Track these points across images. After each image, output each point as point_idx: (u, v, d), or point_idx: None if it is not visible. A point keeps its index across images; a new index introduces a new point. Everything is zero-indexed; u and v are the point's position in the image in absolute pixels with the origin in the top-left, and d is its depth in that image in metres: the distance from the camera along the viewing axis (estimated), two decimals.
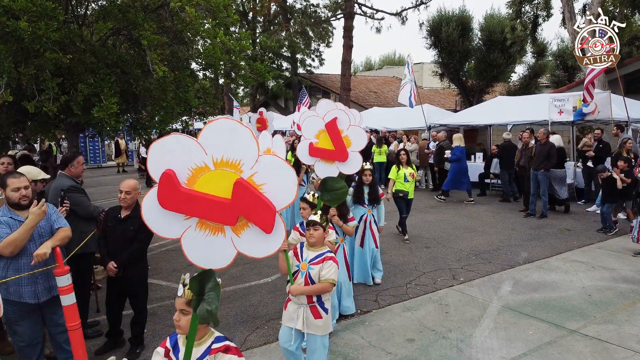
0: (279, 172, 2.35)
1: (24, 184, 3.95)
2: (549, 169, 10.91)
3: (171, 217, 2.39)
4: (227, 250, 2.42)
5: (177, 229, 2.41)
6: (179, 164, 2.32)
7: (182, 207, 2.34)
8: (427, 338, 5.14)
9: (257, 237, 2.38)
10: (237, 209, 2.31)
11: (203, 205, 2.33)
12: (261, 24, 31.46)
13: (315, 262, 3.90)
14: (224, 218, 2.34)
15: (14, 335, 4.02)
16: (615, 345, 4.88)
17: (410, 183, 8.90)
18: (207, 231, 2.41)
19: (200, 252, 2.43)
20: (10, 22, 5.58)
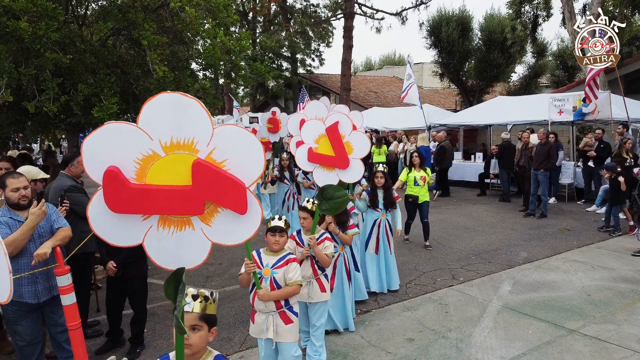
0: (240, 144, 2.07)
1: (24, 184, 3.95)
2: (549, 169, 10.93)
3: (126, 221, 2.08)
4: (199, 244, 2.15)
5: (136, 233, 2.11)
6: (122, 157, 2.01)
7: (136, 206, 2.04)
8: (426, 338, 5.15)
9: (231, 221, 2.12)
10: (202, 194, 2.04)
11: (160, 199, 2.04)
12: (261, 24, 31.45)
13: (279, 266, 3.78)
14: (189, 208, 2.06)
15: (14, 335, 4.03)
16: (614, 345, 4.88)
17: (420, 187, 8.46)
18: (172, 228, 2.13)
19: (169, 253, 2.15)
20: (10, 22, 5.59)
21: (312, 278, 4.48)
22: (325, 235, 4.55)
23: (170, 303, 2.26)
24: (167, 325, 5.55)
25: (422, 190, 8.51)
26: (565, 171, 13.00)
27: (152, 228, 2.12)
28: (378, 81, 34.45)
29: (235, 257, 8.19)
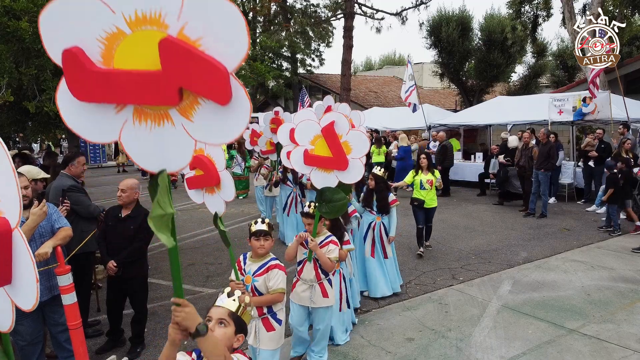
0: (219, 17, 1.65)
1: (24, 183, 3.96)
2: (550, 168, 10.95)
3: (99, 112, 1.83)
4: (181, 142, 1.84)
5: (111, 127, 1.85)
6: (84, 35, 1.73)
7: (102, 92, 1.77)
8: (426, 337, 5.16)
9: (214, 115, 1.78)
10: (173, 80, 1.71)
11: (128, 86, 1.74)
12: (261, 24, 31.47)
13: (260, 273, 3.70)
14: (161, 96, 1.74)
15: (15, 335, 4.03)
16: (614, 345, 4.89)
17: (427, 191, 7.95)
18: (149, 122, 1.84)
19: (148, 151, 1.88)
20: (11, 22, 5.61)
21: (314, 282, 4.40)
22: (330, 238, 4.44)
23: (170, 303, 2.27)
24: (168, 325, 5.55)
25: (430, 195, 8.01)
26: (565, 171, 13.01)
27: (128, 122, 1.85)
28: (378, 81, 34.47)
29: (235, 257, 8.19)
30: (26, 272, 2.02)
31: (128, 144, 1.89)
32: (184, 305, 2.10)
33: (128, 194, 4.87)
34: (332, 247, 4.35)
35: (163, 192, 1.94)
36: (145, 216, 4.89)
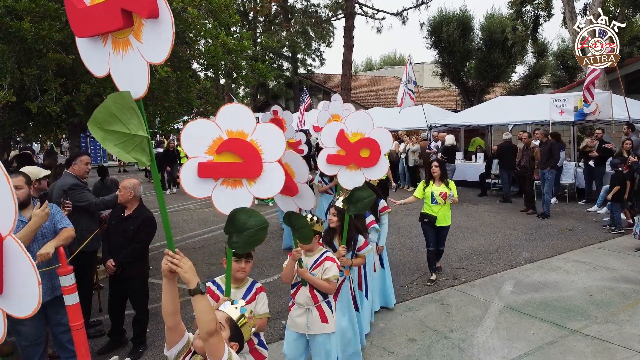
0: None
1: (15, 184, 3.95)
2: (554, 166, 10.99)
3: (95, 49, 2.27)
4: (139, 65, 2.17)
5: (104, 59, 2.25)
6: None
7: (86, 27, 2.21)
8: (428, 338, 5.16)
9: (153, 32, 2.09)
10: (117, 2, 2.07)
11: (97, 15, 2.14)
12: (262, 24, 31.47)
13: (248, 301, 3.16)
14: (112, 20, 2.10)
15: (17, 335, 4.04)
16: (616, 345, 4.89)
17: (440, 206, 6.61)
18: (121, 50, 2.19)
19: (125, 77, 2.21)
20: (13, 22, 5.60)
21: (311, 305, 3.83)
22: (325, 254, 3.86)
23: None
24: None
25: (443, 210, 6.65)
26: (566, 171, 13.01)
27: (111, 52, 2.21)
28: (379, 81, 34.46)
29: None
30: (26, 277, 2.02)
31: (114, 74, 2.22)
32: (182, 257, 2.25)
33: (122, 193, 4.89)
34: (329, 265, 3.78)
35: (127, 112, 2.16)
36: (147, 218, 4.93)
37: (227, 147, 2.72)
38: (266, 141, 2.78)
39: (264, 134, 2.80)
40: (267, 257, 8.21)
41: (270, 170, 2.77)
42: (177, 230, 10.34)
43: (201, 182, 2.75)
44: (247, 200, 2.80)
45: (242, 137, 2.75)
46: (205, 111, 9.06)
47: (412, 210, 11.85)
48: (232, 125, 2.74)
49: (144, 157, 2.23)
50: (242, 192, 2.80)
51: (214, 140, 2.73)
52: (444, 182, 6.67)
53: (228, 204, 2.79)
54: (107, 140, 2.18)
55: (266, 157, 2.76)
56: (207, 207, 12.98)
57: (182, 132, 2.74)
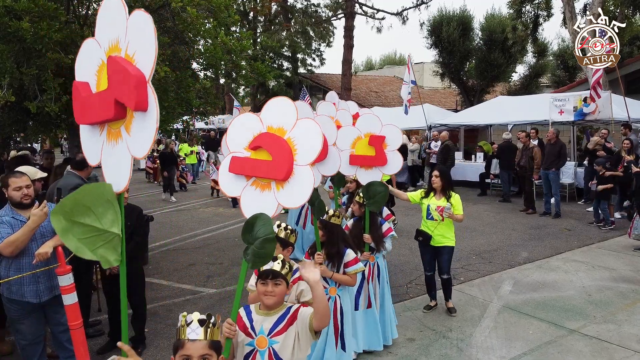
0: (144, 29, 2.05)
1: (26, 183, 3.97)
2: (560, 167, 11.02)
3: (93, 138, 2.37)
4: (124, 157, 2.20)
5: (97, 149, 2.33)
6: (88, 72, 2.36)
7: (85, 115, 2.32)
8: (427, 337, 5.16)
9: (141, 125, 2.11)
10: (111, 93, 2.13)
11: (94, 104, 2.23)
12: (262, 24, 31.48)
13: (279, 331, 2.58)
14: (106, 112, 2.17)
15: (17, 334, 4.05)
16: (615, 345, 4.89)
17: (436, 222, 5.47)
18: (112, 141, 2.26)
19: (113, 168, 2.26)
20: (12, 22, 5.60)
21: None
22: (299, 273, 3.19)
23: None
24: (169, 325, 5.56)
25: (440, 229, 5.51)
26: (565, 171, 13.00)
27: (104, 142, 2.27)
28: (379, 81, 34.45)
29: (235, 257, 8.21)
30: None
31: (104, 163, 2.24)
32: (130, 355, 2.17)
33: None
34: (305, 286, 3.20)
35: (104, 205, 2.08)
36: (138, 211, 5.12)
37: (258, 143, 2.56)
38: (303, 141, 2.52)
39: (302, 131, 2.54)
40: None
41: (300, 175, 2.48)
42: (177, 230, 10.34)
43: (234, 179, 2.62)
44: (272, 206, 2.56)
45: (280, 134, 2.54)
46: (204, 111, 9.07)
47: (411, 209, 11.85)
48: (275, 120, 2.59)
49: (112, 257, 2.12)
50: (268, 196, 2.57)
51: (254, 135, 2.59)
52: (445, 195, 5.53)
53: (252, 207, 2.56)
54: (69, 232, 2.02)
55: (299, 158, 2.49)
56: (207, 207, 12.98)
57: (229, 126, 2.70)
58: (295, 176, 2.50)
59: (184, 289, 6.77)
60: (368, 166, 4.75)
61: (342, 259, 4.04)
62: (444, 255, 5.58)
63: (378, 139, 4.71)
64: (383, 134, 4.74)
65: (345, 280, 4.06)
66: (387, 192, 4.56)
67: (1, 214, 3.92)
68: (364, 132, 4.80)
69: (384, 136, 4.74)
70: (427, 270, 5.81)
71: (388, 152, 4.71)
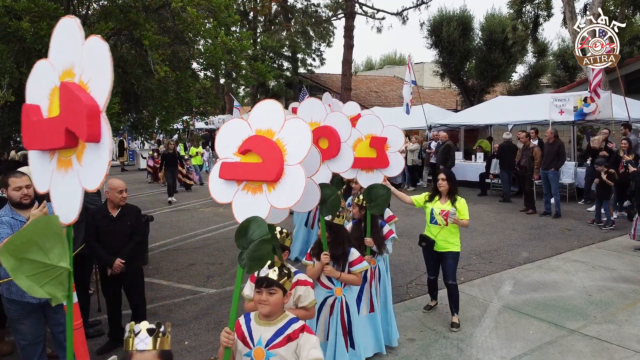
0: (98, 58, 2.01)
1: (26, 183, 3.96)
2: (558, 167, 11.02)
3: (43, 163, 2.30)
4: (74, 188, 2.17)
5: (46, 176, 2.27)
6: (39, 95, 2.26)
7: (34, 140, 2.24)
8: (427, 337, 5.16)
9: (93, 156, 2.06)
10: (63, 120, 2.05)
11: (44, 130, 2.15)
12: (262, 24, 31.48)
13: (278, 344, 2.49)
14: (56, 138, 2.09)
15: (17, 334, 4.04)
16: (615, 345, 4.89)
17: (440, 227, 5.24)
18: (62, 169, 2.20)
19: (62, 198, 2.24)
20: (12, 22, 5.60)
21: None
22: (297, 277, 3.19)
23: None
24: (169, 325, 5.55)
25: (444, 234, 5.28)
26: (566, 171, 13.00)
27: (54, 169, 2.22)
28: (379, 81, 34.45)
29: (235, 257, 8.19)
30: None
31: (52, 193, 2.16)
32: None
33: (112, 194, 4.96)
34: (302, 291, 3.16)
35: (52, 239, 1.98)
36: (137, 210, 5.14)
37: (248, 146, 2.55)
38: (292, 140, 2.49)
39: (291, 131, 2.51)
40: None
41: (291, 174, 2.45)
42: (177, 230, 10.34)
43: (225, 185, 2.59)
44: (264, 208, 2.51)
45: (269, 136, 2.53)
46: (204, 111, 9.06)
47: (411, 210, 11.84)
48: (263, 123, 2.59)
49: (59, 292, 2.04)
50: (260, 199, 2.53)
51: (243, 140, 2.57)
52: (451, 199, 5.29)
53: (244, 211, 2.52)
54: (18, 270, 1.94)
55: (289, 158, 2.46)
56: (207, 207, 12.98)
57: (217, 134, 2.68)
58: (286, 176, 2.48)
59: (184, 289, 6.76)
60: (369, 168, 4.70)
61: (347, 259, 4.01)
62: (448, 261, 5.34)
63: (380, 140, 4.63)
64: (385, 135, 4.67)
65: (351, 279, 4.04)
66: (389, 195, 4.51)
67: (1, 214, 3.91)
68: (364, 133, 4.73)
69: (385, 137, 4.66)
70: (429, 273, 5.69)
71: (390, 154, 4.65)
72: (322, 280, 4.08)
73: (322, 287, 4.07)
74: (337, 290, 4.08)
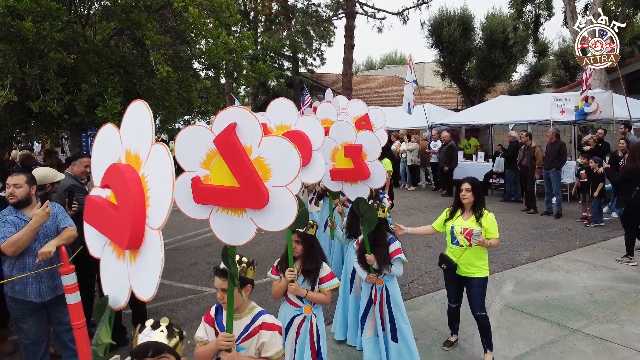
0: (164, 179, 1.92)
1: (14, 182, 3.97)
2: (560, 167, 11.02)
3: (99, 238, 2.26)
4: (122, 279, 2.19)
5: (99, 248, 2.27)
6: None
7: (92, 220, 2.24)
8: (429, 337, 5.16)
9: (143, 267, 2.02)
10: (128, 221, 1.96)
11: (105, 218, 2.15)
12: (263, 24, 31.46)
13: (245, 337, 2.66)
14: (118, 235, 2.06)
15: (20, 333, 4.05)
16: (617, 345, 4.89)
17: (462, 249, 4.45)
18: (115, 253, 2.19)
19: (113, 280, 2.23)
20: (14, 22, 5.61)
21: None
22: (261, 319, 2.78)
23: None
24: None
25: (467, 256, 4.47)
26: (567, 171, 12.99)
27: (106, 246, 2.22)
28: (379, 80, 34.44)
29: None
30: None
31: (102, 266, 2.17)
32: None
33: None
34: (268, 337, 2.73)
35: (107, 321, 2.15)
36: None
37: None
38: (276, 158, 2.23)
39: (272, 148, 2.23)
40: (267, 256, 8.21)
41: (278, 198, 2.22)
42: (178, 229, 10.34)
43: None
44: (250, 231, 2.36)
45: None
46: (206, 110, 9.08)
47: (413, 209, 11.87)
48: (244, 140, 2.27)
49: None
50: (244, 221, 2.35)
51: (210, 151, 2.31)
52: (476, 214, 4.47)
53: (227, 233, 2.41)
54: None
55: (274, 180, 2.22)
56: None
57: (175, 141, 2.39)
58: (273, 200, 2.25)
59: (186, 289, 6.77)
60: (352, 180, 4.26)
61: (319, 274, 3.68)
62: (474, 289, 4.52)
63: (354, 149, 4.17)
64: (359, 143, 4.19)
65: (319, 298, 3.68)
66: (373, 211, 4.00)
67: (4, 213, 3.93)
68: (339, 142, 4.29)
69: (360, 145, 4.18)
70: (450, 301, 4.86)
71: (369, 163, 4.18)
72: (290, 297, 3.70)
73: (290, 304, 3.72)
74: (307, 309, 3.71)
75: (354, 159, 4.18)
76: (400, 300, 4.47)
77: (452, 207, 4.66)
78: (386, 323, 4.35)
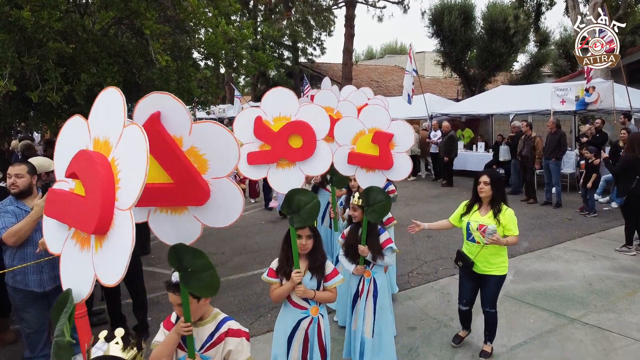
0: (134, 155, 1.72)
1: (16, 172, 3.97)
2: (561, 157, 11.04)
3: (60, 230, 2.09)
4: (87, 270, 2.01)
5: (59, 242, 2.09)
6: None
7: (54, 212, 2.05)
8: (429, 326, 5.19)
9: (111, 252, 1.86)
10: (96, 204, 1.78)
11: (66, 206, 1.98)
12: (262, 13, 31.29)
13: (210, 346, 2.55)
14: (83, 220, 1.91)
15: (22, 322, 4.08)
16: (615, 334, 4.92)
17: (479, 246, 4.27)
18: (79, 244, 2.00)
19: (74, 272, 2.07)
20: (13, 11, 5.58)
21: None
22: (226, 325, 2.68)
23: None
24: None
25: (484, 254, 4.29)
26: (567, 161, 12.98)
27: (68, 239, 2.05)
28: (380, 70, 34.32)
29: (237, 247, 8.24)
30: None
31: (62, 261, 1.98)
32: None
33: None
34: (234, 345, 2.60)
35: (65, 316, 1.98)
36: None
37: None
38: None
39: (205, 138, 2.05)
40: (267, 246, 8.24)
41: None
42: None
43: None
44: (195, 229, 2.28)
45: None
46: (206, 100, 9.06)
47: (413, 200, 11.89)
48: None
49: None
50: (187, 219, 2.30)
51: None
52: (494, 209, 4.25)
53: (172, 232, 2.31)
54: None
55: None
56: None
57: None
58: (215, 194, 2.07)
59: None
60: (369, 168, 4.07)
61: (324, 271, 3.40)
62: (489, 287, 4.38)
63: (384, 136, 3.97)
64: (391, 132, 4.00)
65: (327, 297, 3.41)
66: (389, 203, 3.83)
67: (5, 203, 3.94)
68: (368, 126, 4.11)
69: (392, 134, 3.99)
70: (462, 303, 4.64)
71: (396, 154, 4.00)
72: (294, 299, 3.37)
73: (295, 307, 3.38)
74: (313, 310, 3.40)
75: (381, 146, 4.00)
76: (387, 292, 4.31)
77: (470, 201, 4.47)
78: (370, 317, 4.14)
